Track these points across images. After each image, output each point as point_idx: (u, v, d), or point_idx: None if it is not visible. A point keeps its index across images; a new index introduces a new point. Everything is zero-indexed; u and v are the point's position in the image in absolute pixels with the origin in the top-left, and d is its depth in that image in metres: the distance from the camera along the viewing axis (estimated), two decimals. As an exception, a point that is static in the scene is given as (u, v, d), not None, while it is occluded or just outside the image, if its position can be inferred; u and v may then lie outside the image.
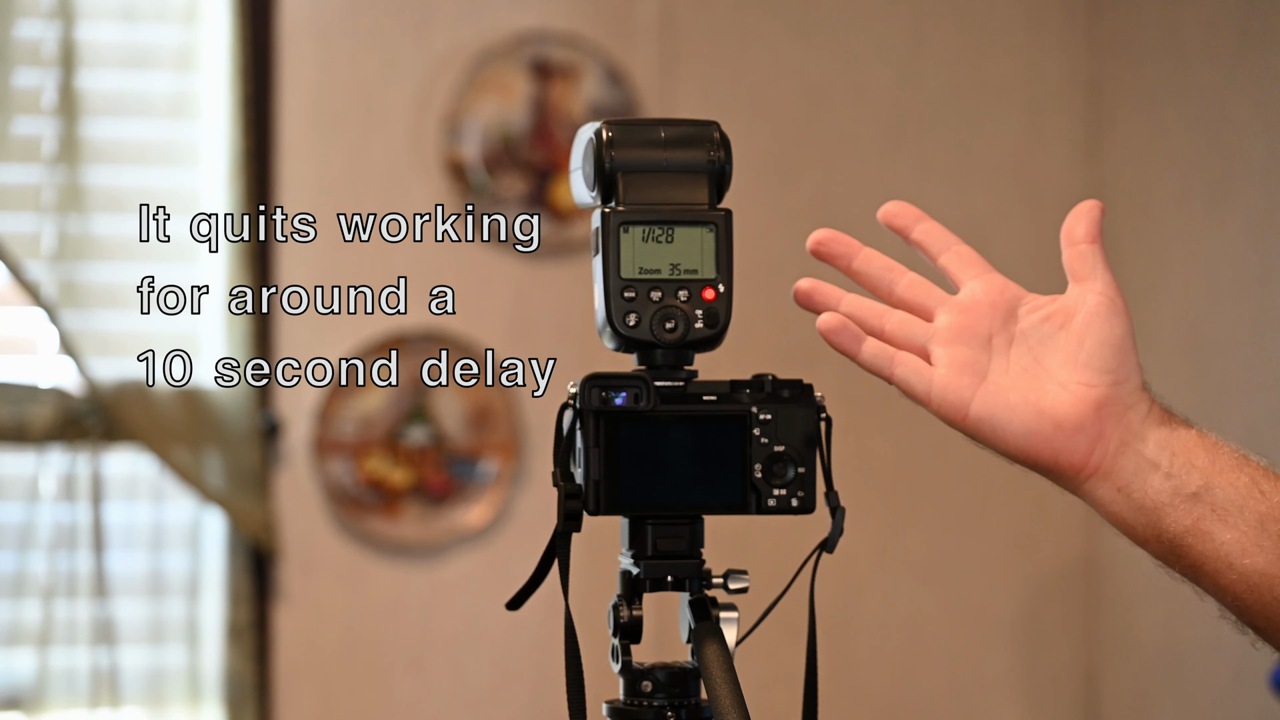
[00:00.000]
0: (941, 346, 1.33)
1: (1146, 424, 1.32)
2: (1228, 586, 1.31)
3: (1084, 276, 1.34)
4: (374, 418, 3.96)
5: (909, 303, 1.35)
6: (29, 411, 3.74)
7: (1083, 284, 1.34)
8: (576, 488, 1.29)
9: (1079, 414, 1.31)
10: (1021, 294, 1.35)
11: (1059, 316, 1.33)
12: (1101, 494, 1.32)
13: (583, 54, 4.03)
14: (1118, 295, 1.34)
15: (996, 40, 4.20)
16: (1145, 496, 1.31)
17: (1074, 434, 1.31)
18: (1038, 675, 4.20)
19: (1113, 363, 1.32)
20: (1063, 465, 1.32)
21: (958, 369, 1.32)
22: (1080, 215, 1.36)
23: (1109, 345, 1.32)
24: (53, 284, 3.74)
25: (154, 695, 3.82)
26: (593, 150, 1.32)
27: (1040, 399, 1.32)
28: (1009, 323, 1.34)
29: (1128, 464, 1.31)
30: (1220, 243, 3.87)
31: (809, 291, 1.34)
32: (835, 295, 1.34)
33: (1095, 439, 1.31)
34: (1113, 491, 1.32)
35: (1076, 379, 1.32)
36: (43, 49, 3.78)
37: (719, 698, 1.22)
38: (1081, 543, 4.20)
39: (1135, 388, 1.32)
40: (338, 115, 3.97)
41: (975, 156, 4.18)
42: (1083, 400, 1.31)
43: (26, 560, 3.76)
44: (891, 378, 1.33)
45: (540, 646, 3.98)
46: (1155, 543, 1.32)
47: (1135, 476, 1.31)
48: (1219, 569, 1.31)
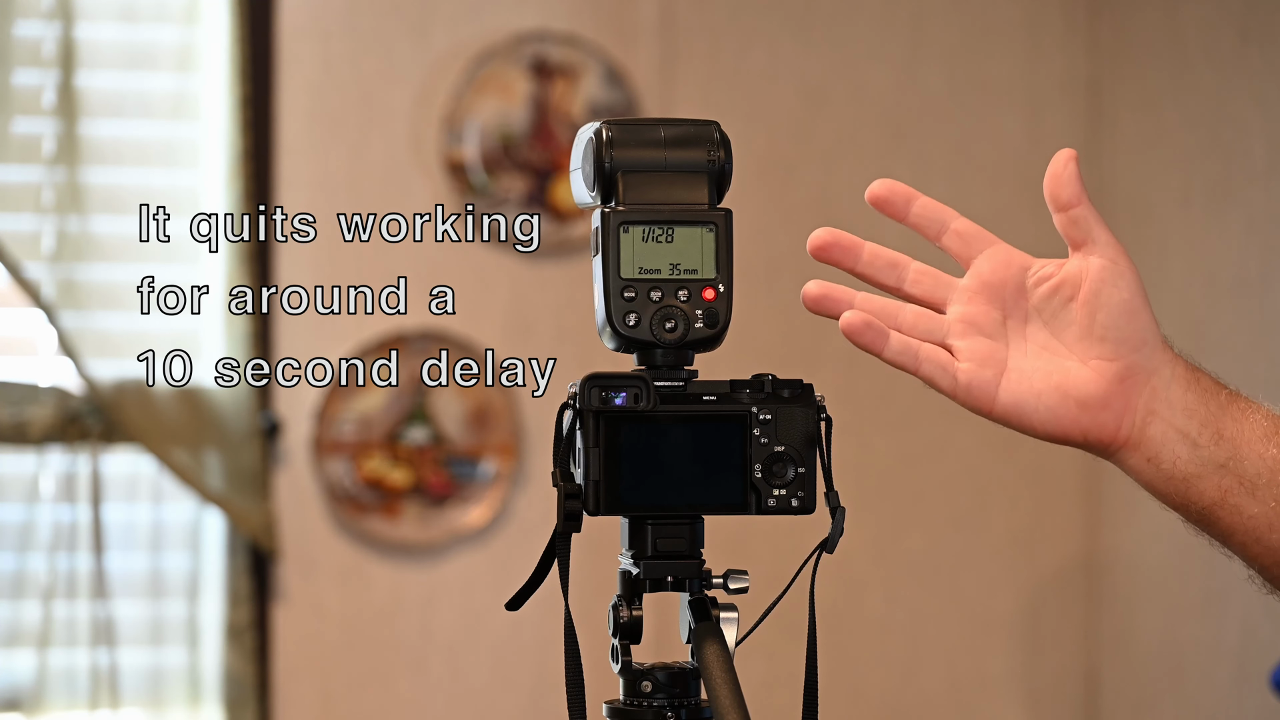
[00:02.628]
0: (959, 340, 1.32)
1: (1173, 388, 1.31)
2: (1256, 557, 1.32)
3: (1081, 241, 1.33)
4: (374, 418, 3.96)
5: (919, 297, 1.34)
6: (29, 411, 3.74)
7: (1082, 250, 1.32)
8: (576, 488, 1.29)
9: (1103, 390, 1.31)
10: (1027, 262, 1.34)
11: (1067, 288, 1.32)
12: (1132, 463, 1.32)
13: (583, 54, 4.03)
14: (1119, 254, 1.32)
15: (996, 40, 4.20)
16: (1174, 467, 1.31)
17: (1100, 411, 1.31)
18: (1038, 675, 4.20)
19: (1128, 330, 1.31)
20: (1092, 442, 1.32)
21: (979, 363, 1.31)
22: (1060, 178, 1.34)
23: (1121, 313, 1.31)
24: (52, 284, 3.74)
25: (154, 696, 3.82)
26: (593, 150, 1.32)
27: (1063, 379, 1.31)
28: (1020, 299, 1.33)
29: (1155, 434, 1.31)
30: (1220, 243, 3.87)
31: (820, 297, 1.32)
32: (847, 297, 1.32)
33: (1122, 412, 1.31)
34: (1142, 461, 1.32)
35: (1095, 353, 1.31)
36: (42, 49, 3.78)
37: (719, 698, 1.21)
38: (1081, 543, 4.20)
39: (1155, 348, 1.31)
40: (338, 115, 3.97)
41: (975, 156, 4.18)
42: (1104, 375, 1.31)
43: (26, 560, 3.76)
44: (918, 373, 1.32)
45: (540, 646, 3.98)
46: (1185, 510, 1.32)
47: (1163, 446, 1.31)
48: (1246, 542, 1.32)
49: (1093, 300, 1.31)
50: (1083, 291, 1.31)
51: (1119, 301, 1.31)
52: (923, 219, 1.35)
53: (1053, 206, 1.34)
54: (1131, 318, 1.31)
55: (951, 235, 1.35)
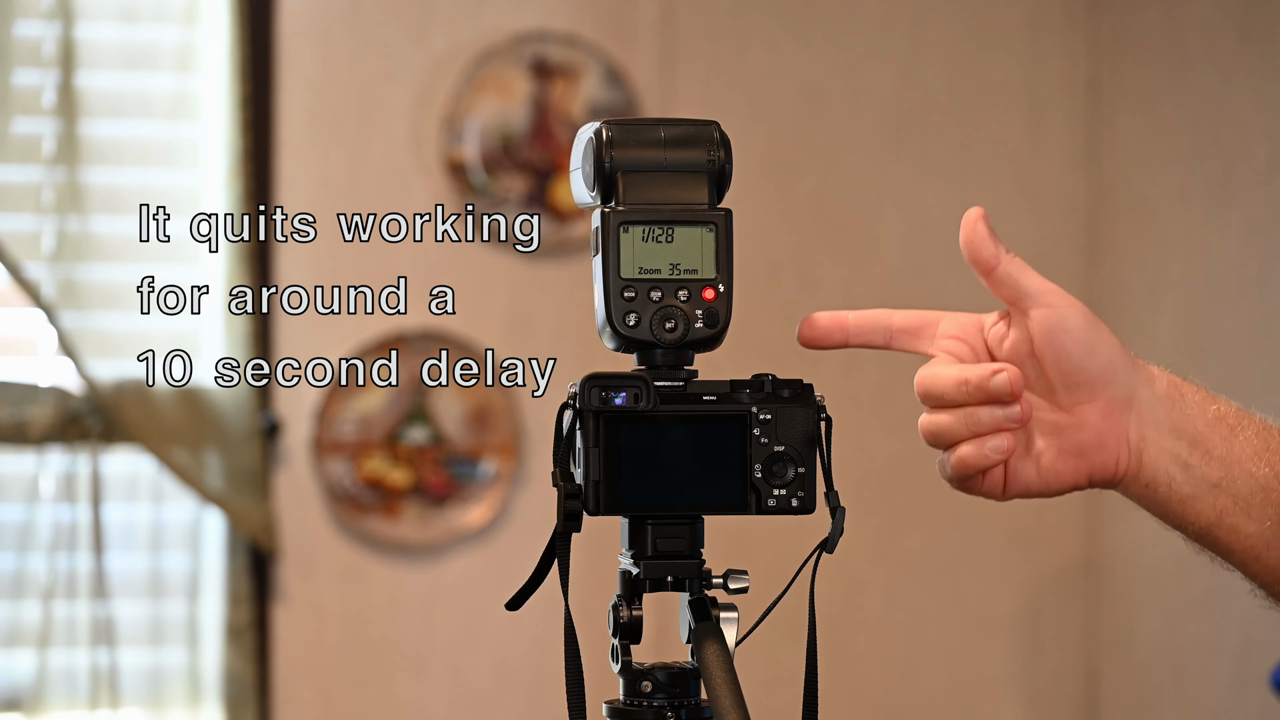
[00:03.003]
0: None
1: (1156, 409, 1.31)
2: (1256, 575, 1.32)
3: (1014, 299, 1.31)
4: (374, 418, 3.96)
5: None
6: (29, 411, 3.74)
7: (1018, 305, 1.31)
8: (576, 488, 1.29)
9: (1095, 433, 1.31)
10: (979, 321, 1.33)
11: (1021, 345, 1.31)
12: (1132, 493, 1.33)
13: (583, 54, 4.03)
14: (1055, 295, 1.30)
15: (996, 40, 4.20)
16: (1171, 490, 1.31)
17: (1097, 453, 1.31)
18: (1038, 675, 4.20)
19: (1094, 368, 1.30)
20: (1096, 483, 1.33)
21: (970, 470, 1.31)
22: (974, 242, 1.30)
23: (1081, 354, 1.29)
24: (52, 284, 3.74)
25: (154, 696, 3.82)
26: (593, 150, 1.32)
27: (1057, 437, 1.31)
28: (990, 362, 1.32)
29: (1150, 460, 1.31)
30: (1220, 243, 3.87)
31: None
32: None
33: (1117, 447, 1.31)
34: (1140, 488, 1.32)
35: (1071, 400, 1.31)
36: (42, 49, 3.78)
37: (719, 698, 1.21)
38: (1081, 543, 4.20)
39: (1127, 371, 1.31)
40: (338, 115, 3.97)
41: (975, 156, 4.18)
42: (1090, 417, 1.31)
43: (26, 560, 3.76)
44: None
45: (540, 646, 3.98)
46: (1184, 531, 1.33)
47: (1158, 471, 1.31)
48: (1246, 560, 1.32)
49: (1048, 352, 1.30)
50: (1035, 347, 1.30)
51: (1074, 344, 1.29)
52: (863, 335, 1.34)
53: (976, 270, 1.31)
54: (1092, 354, 1.30)
55: (898, 336, 1.34)
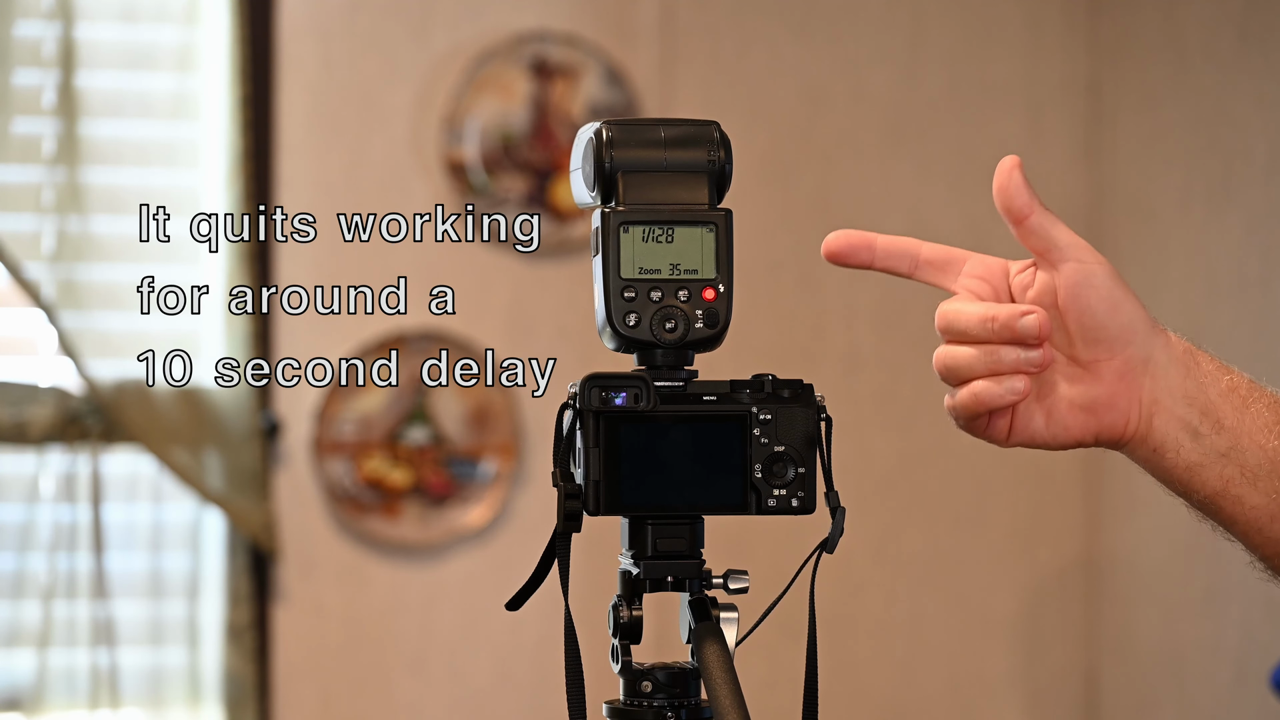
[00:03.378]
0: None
1: (1171, 373, 1.31)
2: (1257, 547, 1.33)
3: (1044, 250, 1.31)
4: (374, 418, 3.96)
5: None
6: (29, 411, 3.74)
7: (1047, 257, 1.31)
8: (576, 488, 1.29)
9: (1108, 390, 1.31)
10: (1005, 266, 1.33)
11: (1046, 295, 1.31)
12: (1139, 455, 1.33)
13: (583, 54, 4.03)
14: (1084, 251, 1.30)
15: (996, 40, 4.20)
16: (1178, 457, 1.31)
17: (1108, 412, 1.31)
18: (1038, 675, 4.20)
19: (1116, 325, 1.30)
20: (1103, 441, 1.32)
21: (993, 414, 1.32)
22: (1008, 190, 1.30)
23: (1104, 310, 1.30)
24: (52, 284, 3.74)
25: (154, 696, 3.82)
26: (593, 150, 1.32)
27: (1070, 389, 1.31)
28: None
29: (1159, 425, 1.31)
30: (1220, 243, 3.87)
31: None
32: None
33: (1129, 408, 1.31)
34: (1148, 452, 1.32)
35: (1089, 355, 1.31)
36: (42, 49, 3.78)
37: (719, 698, 1.21)
38: (1081, 543, 4.20)
39: (1147, 333, 1.31)
40: (338, 115, 3.97)
41: (975, 156, 4.18)
42: (1105, 374, 1.31)
43: (26, 560, 3.76)
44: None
45: (540, 646, 3.98)
46: (1188, 498, 1.33)
47: (1167, 437, 1.31)
48: (1248, 531, 1.32)
49: (1072, 306, 1.30)
50: (1060, 300, 1.30)
51: (1099, 300, 1.30)
52: (889, 259, 1.34)
53: (1007, 219, 1.31)
54: (1116, 311, 1.30)
55: (924, 267, 1.34)
